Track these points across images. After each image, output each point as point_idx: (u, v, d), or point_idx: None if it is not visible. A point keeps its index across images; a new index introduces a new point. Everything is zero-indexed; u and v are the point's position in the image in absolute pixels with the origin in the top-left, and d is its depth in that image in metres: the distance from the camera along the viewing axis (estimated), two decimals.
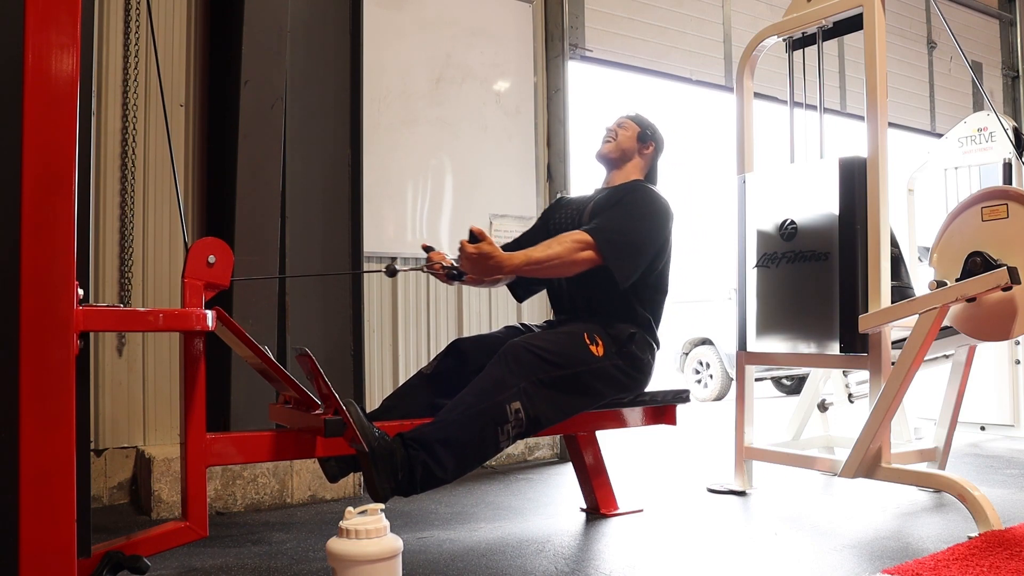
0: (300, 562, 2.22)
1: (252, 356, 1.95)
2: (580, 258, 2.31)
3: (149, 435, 3.06)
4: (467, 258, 2.23)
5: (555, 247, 2.30)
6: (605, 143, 2.65)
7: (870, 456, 2.62)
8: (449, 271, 2.40)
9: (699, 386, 8.43)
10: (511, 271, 2.28)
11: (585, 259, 2.31)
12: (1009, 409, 4.41)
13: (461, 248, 2.24)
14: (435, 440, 2.01)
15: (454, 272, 2.39)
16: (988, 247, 2.52)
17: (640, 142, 2.64)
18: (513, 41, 4.05)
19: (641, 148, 2.64)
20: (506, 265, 2.24)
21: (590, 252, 2.31)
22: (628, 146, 2.63)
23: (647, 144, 2.64)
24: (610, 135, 2.65)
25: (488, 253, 2.21)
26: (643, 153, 2.64)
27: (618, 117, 2.69)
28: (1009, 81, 6.58)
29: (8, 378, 1.36)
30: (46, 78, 1.40)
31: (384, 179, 3.60)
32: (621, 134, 2.64)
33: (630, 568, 2.14)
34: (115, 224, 3.02)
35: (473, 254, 2.21)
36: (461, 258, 2.26)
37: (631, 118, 2.67)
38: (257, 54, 3.01)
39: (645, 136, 2.64)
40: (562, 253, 2.29)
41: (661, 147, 2.69)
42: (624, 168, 2.64)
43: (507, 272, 2.28)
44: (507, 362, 2.16)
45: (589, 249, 2.31)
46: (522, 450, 3.89)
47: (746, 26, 4.95)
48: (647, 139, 2.64)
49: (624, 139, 2.63)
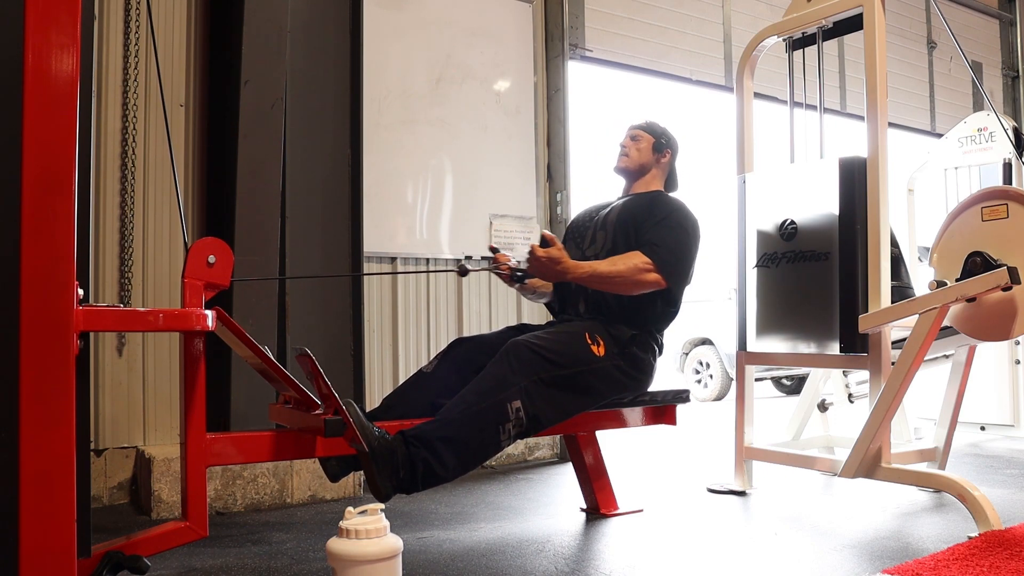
0: (300, 562, 2.22)
1: (252, 356, 1.95)
2: (645, 280, 2.38)
3: (149, 435, 3.06)
4: (537, 260, 2.31)
5: (619, 265, 2.37)
6: (622, 157, 2.69)
7: (870, 456, 2.62)
8: (514, 272, 2.49)
9: (699, 386, 8.43)
10: (574, 279, 2.36)
11: (650, 281, 2.39)
12: (1009, 409, 4.41)
13: (532, 251, 2.32)
14: (436, 438, 2.02)
15: (519, 274, 2.49)
16: (988, 247, 2.52)
17: (656, 152, 2.69)
18: (513, 41, 4.05)
19: (658, 158, 2.69)
20: (571, 273, 2.33)
21: (655, 275, 2.39)
22: (646, 159, 2.68)
23: (663, 152, 2.69)
24: (625, 149, 2.69)
25: (557, 258, 2.30)
26: (660, 162, 2.70)
27: (629, 129, 2.72)
28: (1009, 81, 6.58)
29: (8, 378, 1.36)
30: (46, 78, 1.40)
31: (384, 179, 3.60)
32: (636, 147, 2.68)
33: (630, 568, 2.14)
34: (115, 224, 3.02)
35: (543, 257, 2.29)
36: (530, 260, 2.33)
37: (643, 128, 2.70)
38: (257, 54, 3.01)
39: (660, 145, 2.69)
40: (626, 272, 2.36)
41: (676, 151, 2.74)
42: (644, 179, 2.69)
43: (570, 279, 2.36)
44: (508, 361, 2.16)
45: (654, 272, 2.38)
46: (522, 450, 3.89)
47: (746, 26, 4.95)
48: (663, 148, 2.69)
49: (640, 152, 2.68)
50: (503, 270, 2.50)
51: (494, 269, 2.52)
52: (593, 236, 2.64)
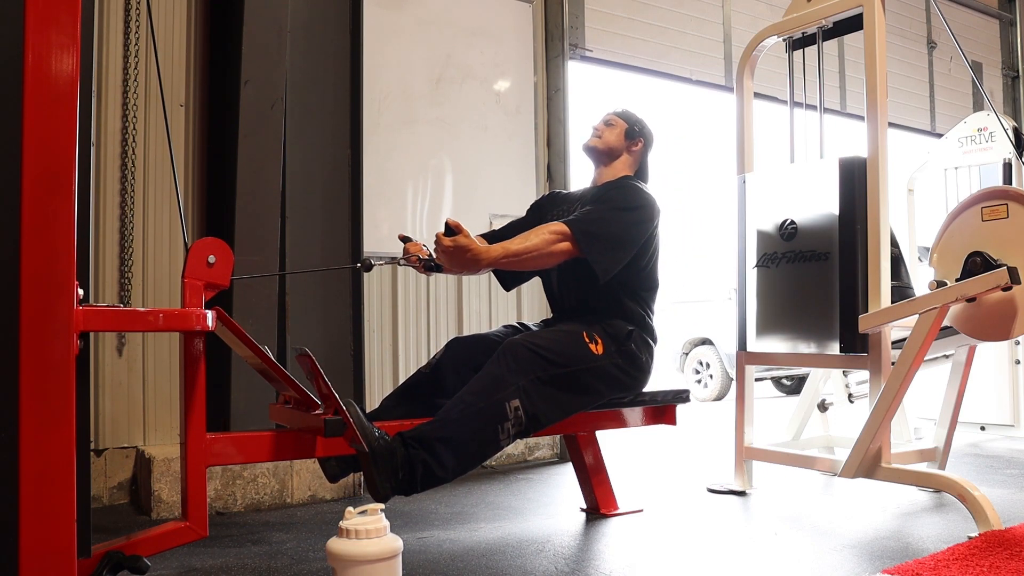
0: (300, 562, 2.22)
1: (252, 356, 1.95)
2: (557, 249, 2.27)
3: (149, 435, 3.06)
4: (443, 251, 2.19)
5: (532, 239, 2.26)
6: (592, 137, 2.61)
7: (870, 456, 2.62)
8: (427, 263, 2.36)
9: (699, 386, 8.43)
10: (488, 264, 2.22)
11: (562, 250, 2.28)
12: (1009, 409, 4.41)
13: (437, 241, 2.21)
14: (435, 439, 2.01)
15: (431, 264, 2.35)
16: (988, 247, 2.52)
17: (628, 139, 2.60)
18: (513, 41, 4.05)
19: (629, 145, 2.61)
20: (483, 258, 2.19)
21: (567, 244, 2.28)
22: (615, 143, 2.59)
23: (635, 141, 2.61)
24: (597, 130, 2.62)
25: (464, 246, 2.16)
26: (631, 150, 2.61)
27: (605, 114, 2.66)
28: (1009, 81, 6.57)
29: (8, 378, 1.36)
30: (46, 78, 1.40)
31: (384, 179, 3.60)
32: (608, 131, 2.61)
33: (630, 568, 2.14)
34: (115, 224, 3.02)
35: (449, 247, 2.17)
36: (437, 251, 2.23)
37: (618, 114, 2.64)
38: (257, 54, 3.01)
39: (633, 133, 2.61)
40: (539, 244, 2.25)
41: (650, 143, 2.66)
42: (612, 165, 2.61)
43: (484, 265, 2.22)
44: (506, 360, 2.16)
45: (566, 240, 2.28)
46: (522, 450, 3.89)
47: (746, 26, 4.95)
48: (635, 136, 2.61)
49: (611, 136, 2.60)
50: (412, 262, 2.38)
51: (402, 261, 2.40)
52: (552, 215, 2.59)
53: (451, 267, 2.25)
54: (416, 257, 2.37)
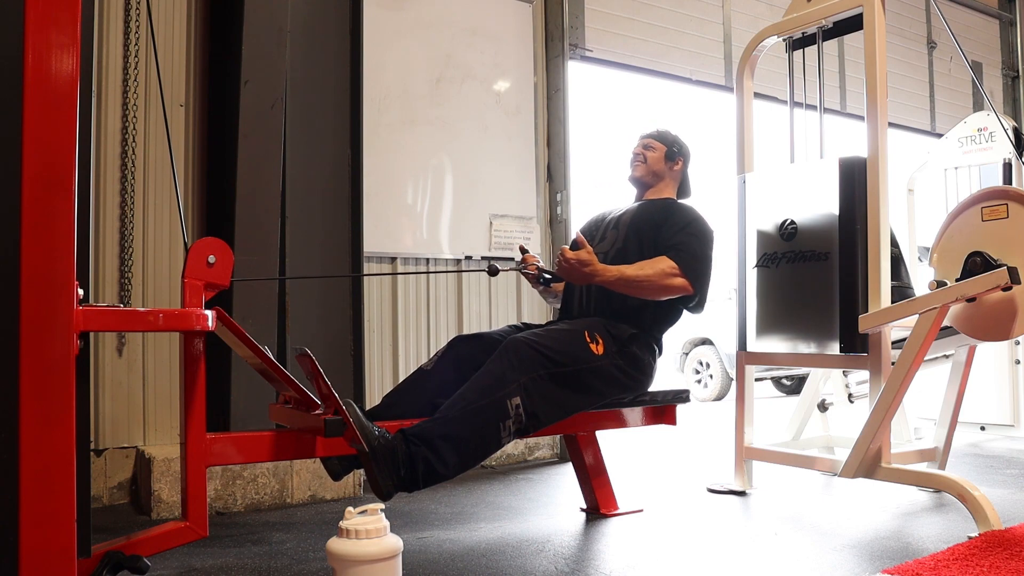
0: (300, 562, 2.22)
1: (252, 356, 1.95)
2: (671, 284, 2.41)
3: (149, 435, 3.06)
4: (567, 262, 2.33)
5: (648, 270, 2.39)
6: (636, 166, 2.73)
7: (870, 456, 2.62)
8: (541, 274, 2.55)
9: (699, 386, 8.43)
10: (602, 282, 2.36)
11: (677, 286, 2.42)
12: (1009, 409, 4.41)
13: (562, 253, 2.34)
14: (437, 436, 2.02)
15: (546, 276, 2.53)
16: (988, 247, 2.52)
17: (668, 160, 2.72)
18: (513, 41, 4.05)
19: (671, 166, 2.73)
20: (599, 276, 2.34)
21: (682, 280, 2.41)
22: (659, 168, 2.72)
23: (676, 161, 2.74)
24: (639, 158, 2.73)
25: (586, 260, 2.32)
26: (673, 170, 2.74)
27: (642, 138, 2.76)
28: (1009, 81, 6.57)
29: (8, 378, 1.36)
30: (46, 78, 1.40)
31: (384, 179, 3.60)
32: (650, 156, 2.72)
33: (630, 568, 2.14)
34: (115, 224, 3.02)
35: (573, 260, 2.31)
36: (560, 262, 2.36)
37: (655, 138, 2.74)
38: (257, 54, 3.01)
39: (673, 154, 2.73)
40: (654, 277, 2.39)
41: (688, 159, 2.78)
42: (657, 187, 2.73)
43: (598, 281, 2.36)
44: (508, 358, 2.17)
45: (680, 277, 2.41)
46: (522, 450, 3.89)
47: (746, 26, 4.95)
48: (675, 156, 2.73)
49: (654, 161, 2.72)
50: (531, 271, 2.55)
51: (522, 270, 2.57)
52: (603, 234, 2.68)
53: (569, 279, 2.41)
54: (535, 267, 2.56)
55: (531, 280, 2.62)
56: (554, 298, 2.77)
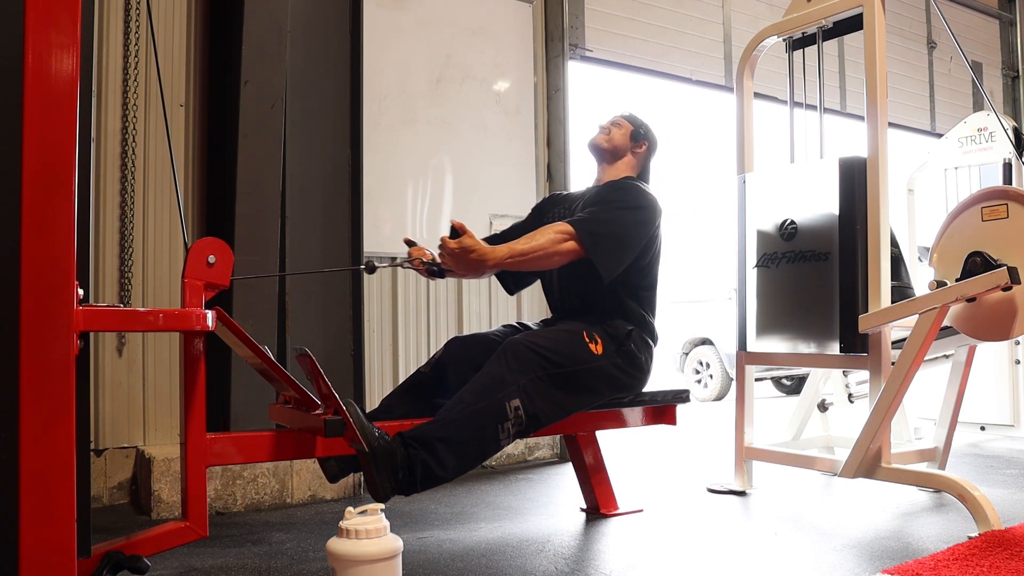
0: (300, 562, 2.22)
1: (252, 356, 1.95)
2: (562, 249, 2.29)
3: (149, 435, 3.06)
4: (449, 254, 2.21)
5: (538, 238, 2.28)
6: (599, 136, 2.66)
7: (870, 456, 2.62)
8: (429, 267, 2.36)
9: (699, 386, 8.43)
10: (494, 265, 2.23)
11: (568, 250, 2.30)
12: (1009, 409, 4.41)
13: (442, 244, 2.21)
14: (435, 438, 2.01)
15: (435, 268, 2.35)
16: (988, 247, 2.52)
17: (633, 141, 2.64)
18: (513, 41, 4.05)
19: (633, 147, 2.65)
20: (489, 259, 2.20)
21: (572, 243, 2.30)
22: (621, 143, 2.63)
23: (640, 143, 2.65)
24: (603, 128, 2.67)
25: (470, 247, 2.18)
26: (635, 152, 2.65)
27: (612, 115, 2.71)
28: (1009, 81, 6.57)
29: (8, 378, 1.36)
30: (46, 78, 1.40)
31: (384, 179, 3.60)
32: (615, 131, 2.65)
33: (630, 568, 2.14)
34: (115, 224, 3.01)
35: (455, 249, 2.18)
36: (442, 254, 2.24)
37: (625, 117, 2.69)
38: (257, 54, 3.01)
39: (638, 135, 2.65)
40: (545, 244, 2.27)
41: (654, 147, 2.70)
42: (616, 165, 2.64)
43: (490, 267, 2.23)
44: (507, 360, 2.16)
45: (571, 240, 2.30)
46: (522, 450, 3.89)
47: (746, 26, 4.95)
48: (640, 138, 2.65)
49: (617, 136, 2.64)
50: (416, 266, 2.39)
51: (405, 265, 2.41)
52: (553, 216, 2.63)
53: (457, 269, 2.25)
54: (420, 260, 2.38)
55: (421, 274, 2.43)
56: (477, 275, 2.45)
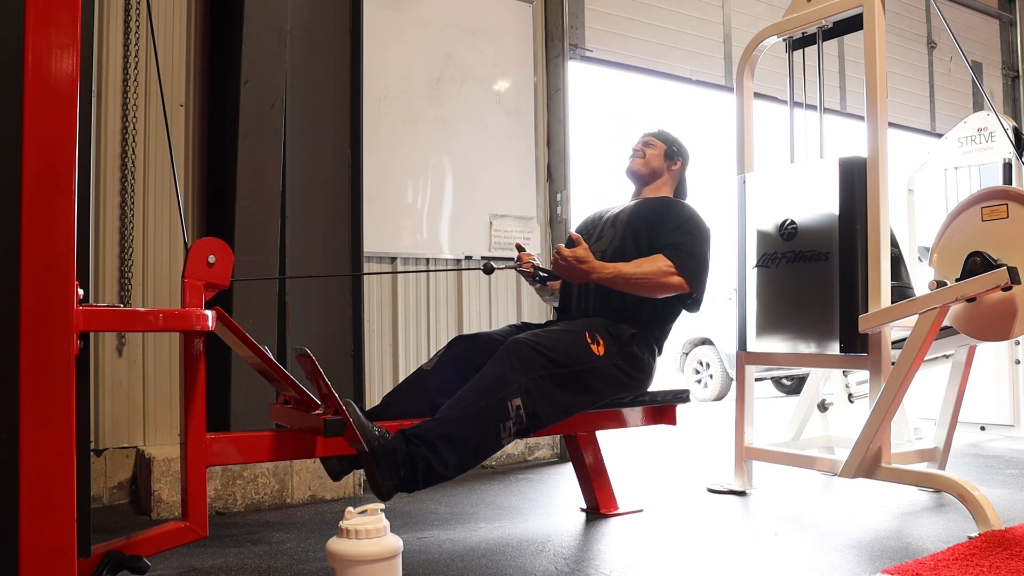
0: (300, 562, 2.22)
1: (252, 356, 1.95)
2: (669, 283, 2.41)
3: (149, 435, 3.06)
4: (563, 259, 2.34)
5: (645, 267, 2.40)
6: (635, 160, 2.73)
7: (870, 456, 2.62)
8: (537, 272, 2.55)
9: (699, 386, 8.43)
10: (599, 279, 2.38)
11: (673, 284, 2.42)
12: (1009, 409, 4.41)
13: (557, 251, 2.35)
14: (437, 436, 2.02)
15: (542, 274, 2.54)
16: (988, 247, 2.52)
17: (667, 159, 2.72)
18: (513, 41, 4.05)
19: (669, 165, 2.73)
20: (596, 272, 2.36)
21: (678, 279, 2.42)
22: (657, 165, 2.72)
23: (674, 160, 2.74)
24: (638, 152, 2.73)
25: (583, 258, 2.33)
26: (671, 169, 2.74)
27: (643, 135, 2.78)
28: (1009, 81, 6.57)
29: (8, 378, 1.36)
30: (46, 78, 1.40)
31: (384, 179, 3.60)
32: (649, 152, 2.72)
33: (630, 568, 2.14)
34: (115, 224, 3.01)
35: (569, 257, 2.33)
36: (556, 260, 2.37)
37: (656, 136, 2.75)
38: (257, 54, 3.01)
39: (672, 153, 2.73)
40: (651, 275, 2.39)
41: (687, 161, 2.78)
42: (654, 184, 2.73)
43: (595, 279, 2.38)
44: (509, 359, 2.17)
45: (677, 276, 2.41)
46: (522, 450, 3.89)
47: (746, 26, 4.95)
48: (674, 156, 2.73)
49: (652, 157, 2.72)
50: (527, 268, 2.55)
51: (518, 267, 2.57)
52: (600, 232, 2.67)
53: (565, 277, 2.43)
54: (531, 264, 2.56)
55: (527, 278, 2.63)
56: (551, 296, 2.77)
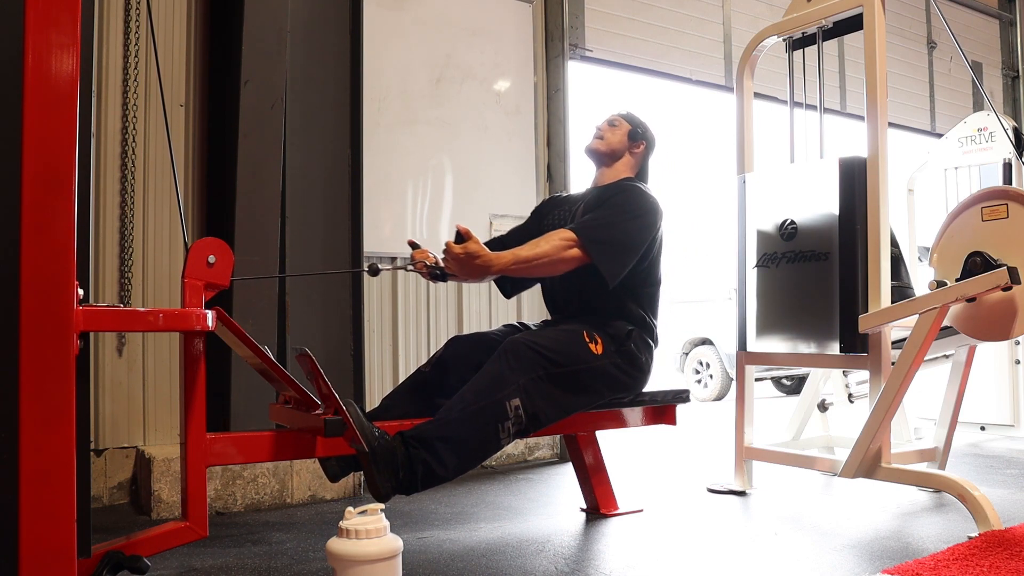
0: (300, 562, 2.22)
1: (252, 356, 1.95)
2: (567, 256, 2.30)
3: (149, 435, 3.06)
4: (453, 258, 2.21)
5: (542, 245, 2.29)
6: (595, 139, 2.63)
7: (870, 456, 2.62)
8: (432, 271, 2.35)
9: (699, 386, 8.43)
10: (498, 271, 2.25)
11: (572, 257, 2.30)
12: (1009, 409, 4.41)
13: (447, 248, 2.21)
14: (436, 438, 2.02)
15: (437, 272, 2.34)
16: (988, 247, 2.52)
17: (631, 140, 2.62)
18: (513, 41, 4.05)
19: (632, 147, 2.62)
20: (494, 265, 2.21)
21: (576, 250, 2.30)
22: (618, 144, 2.61)
23: (638, 143, 2.63)
24: (600, 132, 2.64)
25: (475, 252, 2.18)
26: (633, 152, 2.63)
27: (609, 115, 2.68)
28: (1009, 81, 6.57)
29: (8, 378, 1.36)
30: (46, 78, 1.40)
31: (384, 179, 3.60)
32: (612, 132, 2.62)
33: (630, 568, 2.14)
34: (115, 224, 3.01)
35: (460, 254, 2.19)
36: (447, 258, 2.24)
37: (623, 116, 2.66)
38: (257, 54, 3.01)
39: (636, 135, 2.63)
40: (549, 252, 2.28)
41: (652, 146, 2.68)
42: (614, 167, 2.62)
43: (494, 272, 2.25)
44: (507, 359, 2.16)
45: (575, 247, 2.30)
46: (522, 450, 3.89)
47: (746, 26, 4.95)
48: (638, 138, 2.63)
49: (614, 137, 2.61)
50: (419, 269, 2.37)
51: (410, 268, 2.40)
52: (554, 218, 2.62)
53: (460, 274, 2.26)
54: (423, 264, 2.37)
55: (425, 277, 2.42)
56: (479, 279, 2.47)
